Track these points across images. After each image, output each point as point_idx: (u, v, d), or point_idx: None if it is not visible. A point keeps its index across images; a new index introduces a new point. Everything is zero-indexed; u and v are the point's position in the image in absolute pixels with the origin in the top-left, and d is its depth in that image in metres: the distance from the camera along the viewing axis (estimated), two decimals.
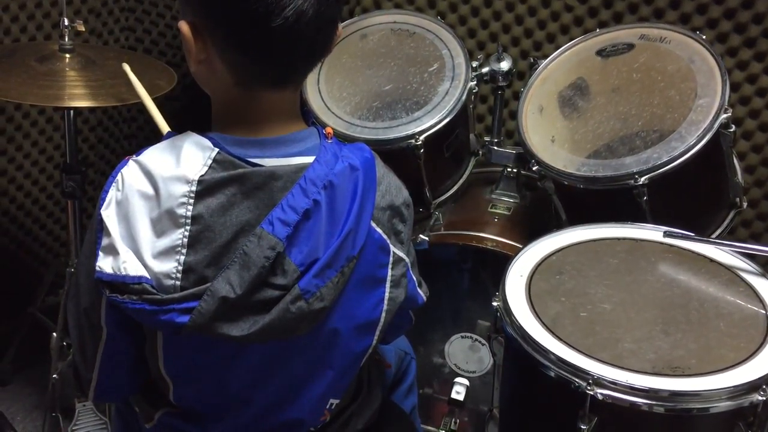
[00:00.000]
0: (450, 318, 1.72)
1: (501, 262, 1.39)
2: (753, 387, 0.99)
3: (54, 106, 2.08)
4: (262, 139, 0.92)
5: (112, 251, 0.88)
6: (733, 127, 1.38)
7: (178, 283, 0.87)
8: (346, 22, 1.84)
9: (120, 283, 0.86)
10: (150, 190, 0.88)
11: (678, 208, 1.46)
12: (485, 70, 1.75)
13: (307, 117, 0.99)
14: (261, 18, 0.84)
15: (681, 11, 1.84)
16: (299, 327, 0.91)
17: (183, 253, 0.87)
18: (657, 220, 1.36)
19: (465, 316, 1.71)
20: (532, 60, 1.71)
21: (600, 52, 1.59)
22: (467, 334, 1.71)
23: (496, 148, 1.80)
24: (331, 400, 1.05)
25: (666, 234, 1.29)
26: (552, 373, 1.05)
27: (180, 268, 0.87)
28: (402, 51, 1.75)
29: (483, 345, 1.69)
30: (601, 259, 1.26)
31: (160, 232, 0.87)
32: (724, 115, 1.36)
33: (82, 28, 1.69)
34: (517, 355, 1.12)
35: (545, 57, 1.67)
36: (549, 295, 1.18)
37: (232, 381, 0.96)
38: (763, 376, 0.99)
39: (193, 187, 0.86)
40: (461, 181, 1.81)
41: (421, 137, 1.59)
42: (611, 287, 1.19)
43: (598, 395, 1.00)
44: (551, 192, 1.54)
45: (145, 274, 0.87)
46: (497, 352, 1.22)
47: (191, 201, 0.86)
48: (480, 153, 1.82)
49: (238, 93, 0.92)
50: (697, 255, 1.26)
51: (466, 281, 1.72)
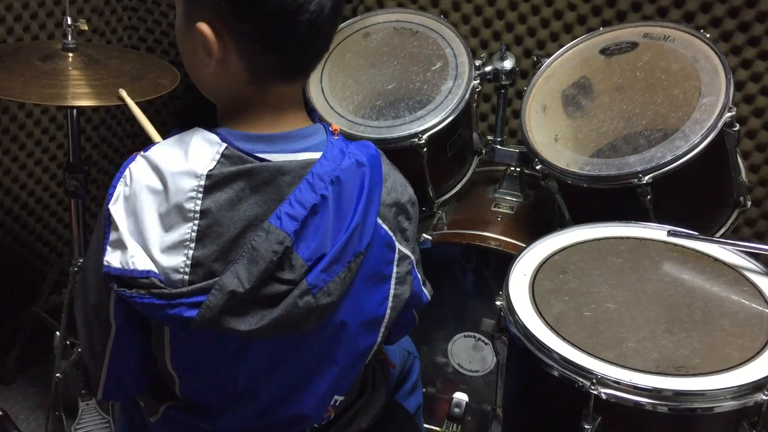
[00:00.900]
0: (453, 317, 1.72)
1: (504, 261, 1.39)
2: (757, 386, 0.98)
3: (57, 105, 2.08)
4: (270, 135, 0.93)
5: (120, 246, 0.88)
6: (737, 126, 1.38)
7: (187, 277, 0.87)
8: (349, 21, 1.83)
9: (128, 278, 0.87)
10: (158, 185, 0.88)
11: (682, 207, 1.45)
12: (488, 68, 1.75)
13: (313, 115, 1.00)
14: (290, 14, 0.86)
15: (685, 9, 1.84)
16: (307, 322, 0.91)
17: (191, 248, 0.87)
18: (661, 219, 1.36)
19: (468, 316, 1.71)
20: (535, 59, 1.71)
21: (603, 51, 1.59)
22: (470, 333, 1.70)
23: (499, 147, 1.80)
24: (336, 397, 1.05)
25: (670, 233, 1.29)
26: (556, 373, 1.05)
27: (188, 262, 0.87)
28: (405, 50, 1.75)
29: (486, 344, 1.69)
30: (605, 258, 1.26)
31: (168, 227, 0.87)
32: (728, 114, 1.36)
33: (85, 27, 1.69)
34: (520, 354, 1.12)
35: (548, 56, 1.67)
36: (553, 295, 1.18)
37: (239, 375, 0.96)
38: None
39: (202, 182, 0.87)
40: (464, 180, 1.81)
41: (424, 136, 1.58)
42: (615, 286, 1.18)
43: (602, 395, 0.99)
44: (554, 191, 1.53)
45: (153, 269, 0.87)
46: (500, 352, 1.22)
47: (200, 195, 0.87)
48: (483, 152, 1.82)
49: (249, 90, 0.93)
50: (702, 254, 1.26)
51: (469, 280, 1.71)
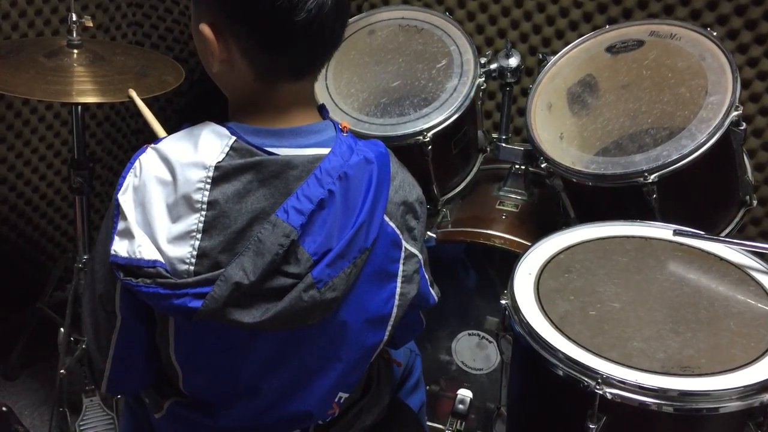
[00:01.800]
0: (457, 315, 1.72)
1: (509, 259, 1.38)
2: (763, 387, 0.98)
3: (62, 102, 2.09)
4: (279, 129, 0.93)
5: (128, 235, 0.88)
6: (743, 125, 1.37)
7: (192, 267, 0.88)
8: (354, 18, 1.83)
9: (134, 267, 0.87)
10: (167, 176, 0.89)
11: (687, 206, 1.45)
12: (494, 66, 1.74)
13: (323, 112, 1.01)
14: (285, 13, 0.86)
15: (691, 7, 1.83)
16: (311, 316, 0.91)
17: (198, 238, 0.87)
18: (666, 219, 1.35)
19: (472, 314, 1.71)
20: (540, 56, 1.71)
21: (609, 49, 1.58)
22: (474, 332, 1.70)
23: (504, 144, 1.80)
24: (341, 394, 1.05)
25: (676, 232, 1.28)
26: (560, 372, 1.04)
27: (194, 252, 0.87)
28: (410, 47, 1.74)
29: (490, 342, 1.69)
30: (611, 257, 1.25)
31: (175, 217, 0.88)
32: (735, 113, 1.35)
33: (89, 24, 1.69)
34: (525, 353, 1.12)
35: (554, 53, 1.66)
36: (558, 294, 1.17)
37: (243, 370, 0.97)
38: None
39: (210, 173, 0.87)
40: (469, 177, 1.81)
41: (429, 134, 1.58)
42: (620, 286, 1.18)
43: (607, 394, 0.99)
44: (560, 189, 1.53)
45: (160, 258, 0.87)
46: (505, 350, 1.22)
47: (208, 186, 0.87)
48: (488, 150, 1.82)
49: (257, 87, 0.93)
50: (707, 253, 1.25)
51: (473, 279, 1.71)
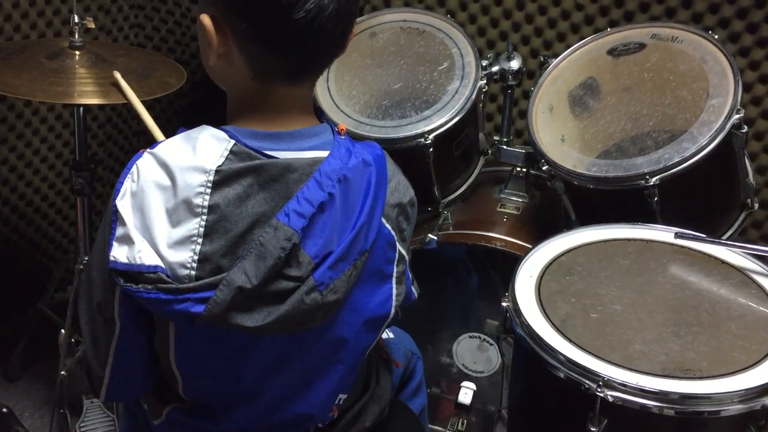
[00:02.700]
0: (458, 318, 1.72)
1: (510, 261, 1.39)
2: (765, 390, 0.98)
3: (63, 103, 2.08)
4: (278, 133, 0.93)
5: (127, 241, 0.88)
6: (745, 128, 1.37)
7: (194, 272, 0.87)
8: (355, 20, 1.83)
9: (135, 273, 0.86)
10: (166, 181, 0.88)
11: (689, 209, 1.45)
12: (495, 68, 1.75)
13: (320, 114, 1.00)
14: (283, 10, 0.85)
15: (693, 10, 1.83)
16: (313, 319, 0.91)
17: (199, 243, 0.87)
18: (668, 221, 1.35)
19: (473, 316, 1.71)
20: (542, 59, 1.71)
21: (611, 52, 1.58)
22: (475, 334, 1.70)
23: (505, 147, 1.80)
24: (340, 396, 1.05)
25: (677, 235, 1.28)
26: (561, 375, 1.04)
27: (195, 257, 0.87)
28: (411, 49, 1.75)
29: (491, 345, 1.69)
30: (612, 260, 1.25)
31: (175, 222, 0.87)
32: (737, 116, 1.35)
33: (91, 25, 1.69)
34: (526, 355, 1.12)
35: (556, 56, 1.66)
36: (559, 296, 1.17)
37: (244, 373, 0.96)
38: None
39: (211, 177, 0.87)
40: (470, 180, 1.81)
41: (431, 136, 1.58)
42: (622, 288, 1.18)
43: (608, 397, 0.99)
44: (561, 192, 1.53)
45: (160, 264, 0.87)
46: (506, 353, 1.22)
47: (208, 191, 0.87)
48: (489, 152, 1.82)
49: (255, 87, 0.93)
50: (709, 256, 1.25)
51: (474, 281, 1.71)
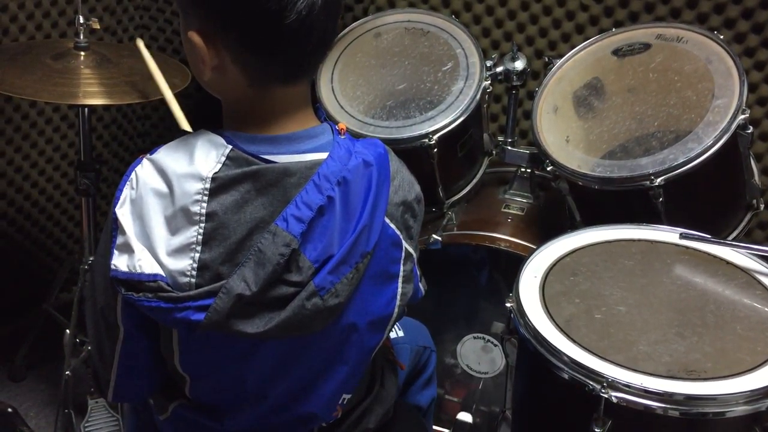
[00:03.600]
0: (463, 318, 1.72)
1: (514, 262, 1.38)
2: None
3: (69, 104, 2.09)
4: (275, 136, 0.92)
5: (127, 249, 0.88)
6: (750, 128, 1.37)
7: (194, 280, 0.87)
8: (360, 21, 1.83)
9: (135, 281, 0.87)
10: (164, 188, 0.88)
11: (694, 210, 1.44)
12: (499, 69, 1.74)
13: (320, 113, 0.99)
14: (274, 17, 0.84)
15: (698, 11, 1.83)
16: (314, 324, 0.91)
17: (198, 251, 0.87)
18: (672, 222, 1.35)
19: (478, 317, 1.70)
20: (546, 59, 1.71)
21: (616, 52, 1.58)
22: (480, 335, 1.70)
23: (510, 147, 1.80)
24: (344, 396, 1.05)
25: (682, 236, 1.28)
26: (566, 375, 1.04)
27: (195, 265, 0.87)
28: (416, 50, 1.74)
29: (495, 346, 1.69)
30: (616, 260, 1.25)
31: (174, 230, 0.87)
32: (742, 116, 1.35)
33: (96, 26, 1.70)
34: (530, 356, 1.12)
35: (560, 56, 1.66)
36: (563, 297, 1.17)
37: (249, 377, 0.96)
38: None
39: (207, 185, 0.87)
40: (475, 180, 1.81)
41: (435, 136, 1.58)
42: (626, 289, 1.18)
43: (613, 398, 0.99)
44: (565, 192, 1.53)
45: (161, 272, 0.87)
46: (510, 354, 1.21)
47: (205, 198, 0.87)
48: (494, 153, 1.81)
49: (252, 93, 0.92)
50: (713, 257, 1.25)
51: (478, 281, 1.71)
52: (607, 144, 1.47)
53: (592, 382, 1.01)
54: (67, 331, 1.84)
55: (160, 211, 0.88)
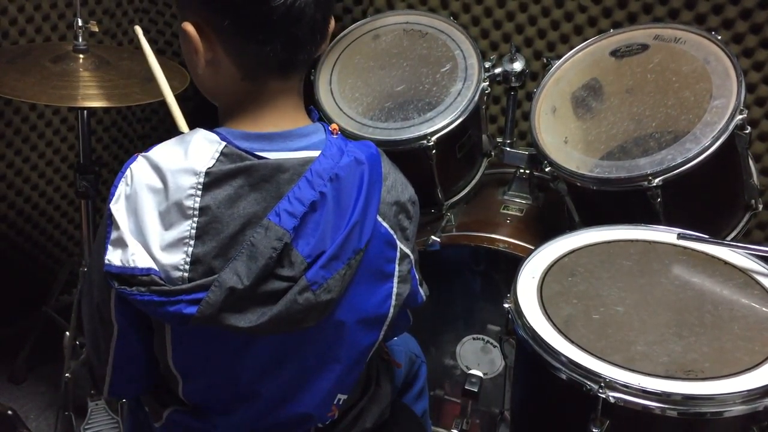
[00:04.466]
0: (462, 319, 1.72)
1: (513, 263, 1.38)
2: None
3: (68, 107, 2.09)
4: (269, 133, 0.93)
5: (121, 244, 0.89)
6: (748, 129, 1.37)
7: (186, 274, 0.88)
8: (358, 23, 1.84)
9: (128, 275, 0.87)
10: (158, 184, 0.89)
11: (692, 210, 1.44)
12: (498, 70, 1.75)
13: (313, 114, 1.01)
14: (261, 1, 0.87)
15: (696, 11, 1.83)
16: (307, 319, 0.91)
17: (191, 245, 0.88)
18: (671, 222, 1.35)
19: (477, 318, 1.70)
20: (545, 60, 1.71)
21: (614, 53, 1.58)
22: (479, 336, 1.70)
23: (508, 149, 1.80)
24: (339, 396, 1.06)
25: (680, 236, 1.28)
26: (564, 376, 1.04)
27: (188, 259, 0.88)
28: (414, 51, 1.75)
29: (494, 347, 1.69)
30: (614, 261, 1.25)
31: (168, 225, 0.88)
32: (740, 117, 1.35)
33: (96, 29, 1.70)
34: (528, 357, 1.12)
35: (558, 57, 1.66)
36: (561, 297, 1.17)
37: (241, 374, 0.97)
38: None
39: (201, 179, 0.87)
40: (473, 182, 1.81)
41: (434, 138, 1.58)
42: (624, 289, 1.18)
43: (611, 398, 0.99)
44: (564, 193, 1.53)
45: (154, 266, 0.88)
46: (509, 354, 1.22)
47: (199, 192, 0.87)
48: (492, 154, 1.82)
49: (245, 87, 0.93)
50: (712, 257, 1.25)
51: (477, 283, 1.71)
52: (605, 145, 1.47)
53: (589, 383, 1.01)
54: (67, 333, 1.85)
55: (155, 206, 0.89)
